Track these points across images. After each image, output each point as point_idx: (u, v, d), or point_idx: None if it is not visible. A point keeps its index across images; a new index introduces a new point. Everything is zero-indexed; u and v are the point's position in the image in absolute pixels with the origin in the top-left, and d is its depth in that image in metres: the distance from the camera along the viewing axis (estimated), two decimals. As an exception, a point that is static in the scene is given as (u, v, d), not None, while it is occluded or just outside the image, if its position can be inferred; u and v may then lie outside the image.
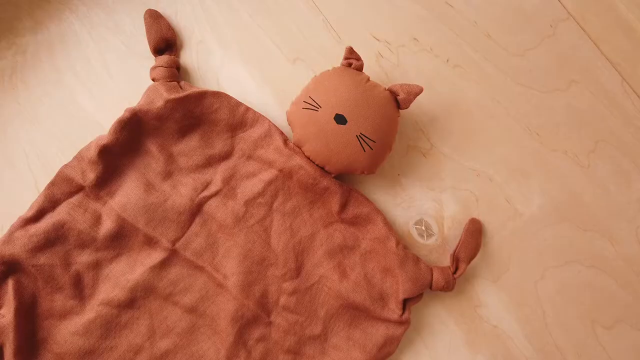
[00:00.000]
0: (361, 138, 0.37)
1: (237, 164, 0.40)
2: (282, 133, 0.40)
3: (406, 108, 0.39)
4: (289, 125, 0.38)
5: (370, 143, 0.38)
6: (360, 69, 0.40)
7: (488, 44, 0.43)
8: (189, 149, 0.39)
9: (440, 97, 0.42)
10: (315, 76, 0.38)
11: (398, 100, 0.39)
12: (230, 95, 0.39)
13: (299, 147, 0.38)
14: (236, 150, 0.40)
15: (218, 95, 0.39)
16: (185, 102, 0.38)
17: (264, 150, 0.39)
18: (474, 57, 0.43)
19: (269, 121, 0.40)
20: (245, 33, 0.42)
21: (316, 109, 0.37)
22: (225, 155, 0.40)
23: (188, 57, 0.42)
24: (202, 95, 0.39)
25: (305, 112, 0.37)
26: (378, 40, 0.43)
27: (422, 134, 0.42)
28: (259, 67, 0.42)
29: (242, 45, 0.42)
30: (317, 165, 0.38)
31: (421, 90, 0.38)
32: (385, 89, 0.38)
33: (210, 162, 0.40)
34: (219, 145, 0.40)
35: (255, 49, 0.42)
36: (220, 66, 0.42)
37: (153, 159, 0.39)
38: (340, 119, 0.36)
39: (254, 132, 0.40)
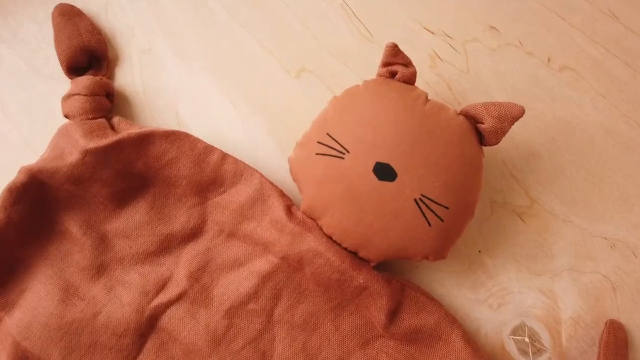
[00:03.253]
0: (423, 203, 0.26)
1: (211, 248, 0.31)
2: (282, 194, 0.31)
3: (496, 143, 0.28)
4: (294, 181, 0.29)
5: (440, 211, 0.26)
6: (411, 80, 0.28)
7: (614, 29, 0.35)
8: (132, 226, 0.31)
9: (542, 121, 0.34)
10: (336, 98, 0.29)
11: (481, 131, 0.28)
12: (196, 135, 0.31)
13: (313, 219, 0.29)
14: (209, 225, 0.31)
15: (174, 137, 0.31)
16: (118, 151, 0.30)
17: (255, 224, 0.31)
18: (592, 52, 0.35)
19: (260, 175, 0.31)
20: (220, 35, 0.35)
21: (341, 154, 0.27)
22: (192, 234, 0.31)
23: (127, 77, 0.34)
24: (148, 138, 0.30)
25: (322, 161, 0.27)
26: (432, 33, 0.35)
27: (516, 182, 0.33)
28: (243, 87, 0.34)
29: (215, 54, 0.35)
30: (344, 249, 0.29)
31: (521, 113, 0.27)
32: (456, 112, 0.28)
33: (167, 247, 0.31)
34: (180, 218, 0.31)
35: (236, 60, 0.35)
36: (180, 88, 0.34)
37: (74, 246, 0.31)
38: (384, 172, 0.26)
39: (237, 195, 0.31)
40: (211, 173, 0.31)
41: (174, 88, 0.34)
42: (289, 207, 0.30)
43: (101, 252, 0.31)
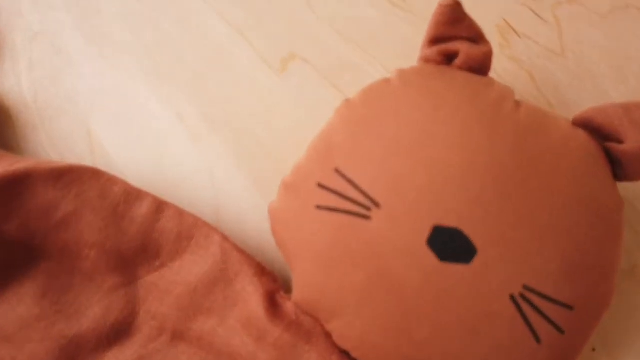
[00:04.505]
0: (527, 301, 0.16)
1: (147, 356, 0.23)
2: (260, 271, 0.22)
3: (640, 179, 0.18)
4: (279, 248, 0.21)
5: (558, 314, 0.16)
6: (483, 67, 0.18)
7: None
8: (15, 324, 0.23)
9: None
10: (349, 102, 0.20)
11: (617, 156, 0.17)
12: (115, 172, 0.23)
13: (315, 318, 0.19)
14: (143, 320, 0.23)
15: (71, 177, 0.22)
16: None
17: (216, 322, 0.22)
18: None
19: (222, 238, 0.22)
20: (162, 10, 0.27)
21: (364, 210, 0.17)
22: (115, 335, 0.23)
23: (8, 78, 0.27)
24: (25, 181, 0.22)
25: (329, 221, 0.18)
26: (500, -7, 0.26)
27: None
28: (197, 92, 0.26)
29: (153, 40, 0.27)
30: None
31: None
32: (570, 123, 0.18)
33: (74, 356, 0.23)
34: (93, 310, 0.23)
35: (187, 48, 0.27)
36: (96, 95, 0.26)
37: None
38: (451, 245, 0.16)
39: (185, 271, 0.23)
40: (138, 235, 0.22)
41: (86, 95, 0.26)
42: (272, 294, 0.20)
43: (-34, 366, 0.21)
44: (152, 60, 0.26)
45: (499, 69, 0.24)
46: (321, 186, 0.17)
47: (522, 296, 0.15)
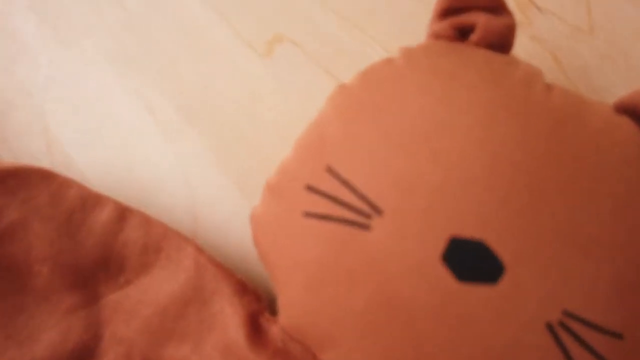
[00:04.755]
0: (568, 330, 0.13)
1: None
2: (240, 289, 0.19)
3: None
4: (263, 263, 0.18)
5: (605, 345, 0.13)
6: (505, 43, 0.17)
7: None
8: None
9: None
10: (343, 88, 0.17)
11: None
12: (73, 175, 0.21)
13: (304, 346, 0.17)
14: (107, 345, 0.21)
15: (18, 180, 0.20)
16: None
17: (190, 348, 0.20)
18: None
19: (196, 250, 0.20)
20: None
21: (362, 218, 0.14)
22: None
23: None
24: None
25: (321, 232, 0.15)
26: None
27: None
28: (170, 82, 0.24)
29: (119, 22, 0.25)
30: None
31: None
32: (611, 109, 0.15)
33: None
34: (49, 333, 0.21)
35: (158, 31, 0.25)
36: (53, 85, 0.24)
37: None
38: (471, 261, 0.13)
39: (153, 289, 0.20)
40: (98, 248, 0.20)
41: (42, 86, 0.24)
42: (255, 316, 0.18)
43: None
44: (118, 45, 0.24)
45: (519, 49, 0.21)
46: (310, 188, 0.14)
47: (562, 324, 0.13)
